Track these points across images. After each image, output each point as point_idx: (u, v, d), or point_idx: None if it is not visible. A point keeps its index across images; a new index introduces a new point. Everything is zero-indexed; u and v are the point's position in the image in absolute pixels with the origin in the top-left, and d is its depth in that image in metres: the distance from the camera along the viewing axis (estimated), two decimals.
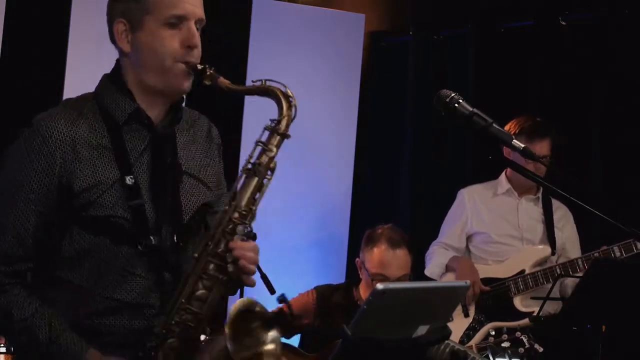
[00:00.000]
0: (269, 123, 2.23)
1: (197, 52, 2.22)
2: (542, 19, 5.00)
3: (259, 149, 2.21)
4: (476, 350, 3.79)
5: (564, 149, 4.38)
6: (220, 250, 2.17)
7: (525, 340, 3.65)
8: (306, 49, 5.35)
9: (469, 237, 4.44)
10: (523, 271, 4.24)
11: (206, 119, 2.43)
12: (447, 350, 3.26)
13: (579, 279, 3.79)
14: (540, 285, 4.18)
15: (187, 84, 2.22)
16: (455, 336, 4.11)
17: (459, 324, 4.21)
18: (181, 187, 2.26)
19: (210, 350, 2.16)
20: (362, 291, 3.82)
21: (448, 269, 4.37)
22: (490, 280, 4.27)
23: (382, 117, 5.70)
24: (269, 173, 2.21)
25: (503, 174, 4.45)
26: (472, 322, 4.23)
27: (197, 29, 2.23)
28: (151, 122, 2.25)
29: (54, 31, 4.65)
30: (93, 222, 2.16)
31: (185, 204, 2.26)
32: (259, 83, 2.25)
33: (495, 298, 4.25)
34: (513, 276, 4.25)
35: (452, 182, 4.92)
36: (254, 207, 2.20)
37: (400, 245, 3.71)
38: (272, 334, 2.18)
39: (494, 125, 2.24)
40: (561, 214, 4.39)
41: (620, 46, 4.75)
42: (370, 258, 3.72)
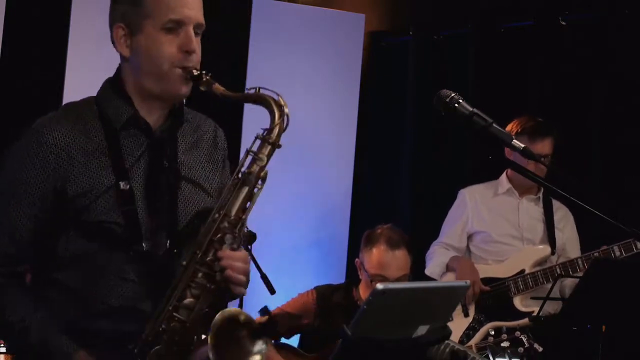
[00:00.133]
0: (261, 132, 2.22)
1: (195, 57, 2.21)
2: (542, 19, 5.00)
3: (250, 158, 2.21)
4: (475, 350, 3.79)
5: (564, 149, 4.38)
6: (208, 259, 2.16)
7: (524, 339, 3.65)
8: (306, 49, 5.35)
9: (470, 237, 4.43)
10: (523, 271, 4.24)
11: (212, 122, 2.42)
12: (447, 350, 3.26)
13: (579, 279, 3.79)
14: (540, 285, 4.17)
15: (185, 89, 2.22)
16: (455, 336, 4.11)
17: (459, 324, 4.21)
18: (179, 193, 2.25)
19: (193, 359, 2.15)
20: (362, 291, 3.82)
21: (448, 269, 4.37)
22: (490, 280, 4.27)
23: (382, 117, 5.70)
24: (260, 182, 2.21)
25: (504, 174, 4.45)
26: (472, 322, 4.23)
27: (197, 34, 2.22)
28: (149, 127, 2.24)
29: (54, 31, 4.65)
30: (87, 227, 2.16)
31: (182, 210, 2.25)
32: (253, 91, 2.23)
33: (495, 298, 4.25)
34: (513, 276, 4.25)
35: (452, 182, 4.92)
36: (244, 217, 2.19)
37: (399, 245, 3.70)
38: (259, 345, 2.16)
39: (494, 125, 2.24)
40: (562, 215, 4.39)
41: (620, 46, 4.75)
42: (369, 259, 3.72)
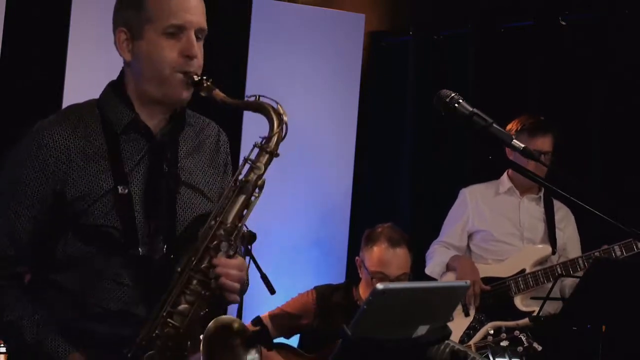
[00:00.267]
0: (259, 140, 2.22)
1: (197, 63, 2.21)
2: (542, 19, 5.00)
3: (248, 166, 2.21)
4: (475, 349, 3.79)
5: (564, 149, 4.38)
6: (203, 266, 2.17)
7: (524, 339, 3.65)
8: (306, 49, 5.35)
9: (470, 236, 4.43)
10: (523, 270, 4.24)
11: (216, 126, 2.42)
12: (447, 350, 3.26)
13: (579, 279, 3.79)
14: (540, 284, 4.17)
15: (186, 94, 2.22)
16: (455, 335, 4.11)
17: (459, 324, 4.21)
18: (178, 198, 2.25)
19: None
20: (362, 290, 3.82)
21: (449, 268, 4.37)
22: (490, 279, 4.27)
23: (382, 117, 5.70)
24: (257, 191, 2.20)
25: (505, 174, 4.45)
26: (473, 322, 4.23)
27: (199, 39, 2.22)
28: (149, 132, 2.24)
29: (54, 31, 4.65)
30: (85, 230, 2.16)
31: (181, 215, 2.25)
32: (253, 98, 2.23)
33: (495, 297, 4.25)
34: (513, 275, 4.25)
35: (452, 182, 4.92)
36: (240, 225, 2.19)
37: (400, 244, 3.71)
38: (251, 354, 2.16)
39: (494, 125, 2.24)
40: (563, 215, 4.39)
41: (620, 46, 4.75)
42: (370, 257, 3.73)
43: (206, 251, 2.17)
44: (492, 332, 3.77)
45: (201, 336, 2.14)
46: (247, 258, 2.28)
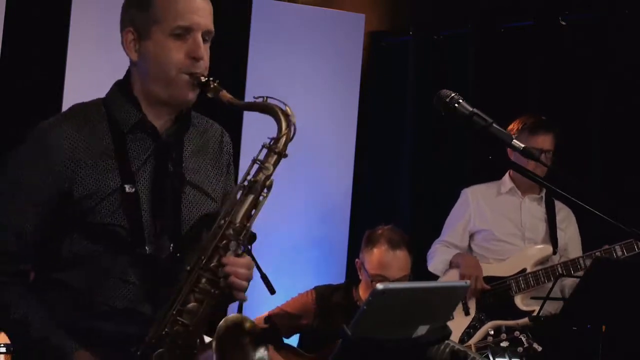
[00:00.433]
0: (267, 141, 2.23)
1: (203, 64, 2.22)
2: (542, 19, 5.00)
3: (256, 167, 2.22)
4: (474, 349, 3.79)
5: (564, 149, 4.38)
6: (213, 264, 2.18)
7: (523, 339, 3.65)
8: (306, 49, 5.35)
9: (472, 236, 4.44)
10: (524, 270, 4.24)
11: (219, 127, 2.43)
12: (447, 350, 3.26)
13: (580, 279, 3.79)
14: (541, 284, 4.17)
15: (192, 95, 2.23)
16: (455, 335, 4.11)
17: (460, 323, 4.21)
18: (183, 198, 2.27)
19: None
20: (362, 292, 3.82)
21: (452, 265, 4.37)
22: (491, 278, 4.27)
23: (382, 117, 5.70)
24: (265, 191, 2.22)
25: (507, 174, 4.46)
26: (473, 321, 4.23)
27: (206, 41, 2.23)
28: (156, 132, 2.25)
29: (54, 31, 4.65)
30: (92, 229, 2.17)
31: (186, 215, 2.26)
32: (260, 100, 2.24)
33: (496, 297, 4.25)
34: (514, 275, 4.25)
35: (452, 182, 4.92)
36: (249, 224, 2.21)
37: (400, 246, 3.70)
38: (260, 352, 2.19)
39: (494, 125, 2.23)
40: (564, 215, 4.39)
41: (620, 46, 4.75)
42: (370, 259, 3.72)
43: (215, 250, 2.18)
44: (492, 332, 3.77)
45: (206, 338, 2.15)
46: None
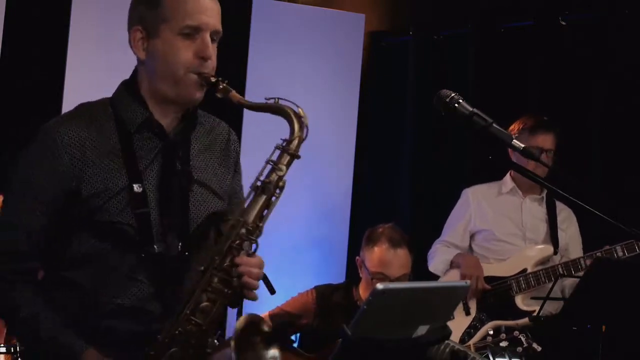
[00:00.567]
0: (280, 142, 2.25)
1: (211, 64, 2.23)
2: (542, 19, 5.00)
3: (269, 167, 2.24)
4: (474, 349, 3.79)
5: (564, 149, 4.38)
6: (226, 264, 2.19)
7: (523, 339, 3.65)
8: (306, 49, 5.35)
9: (472, 236, 4.44)
10: (525, 270, 4.24)
11: (226, 126, 2.43)
12: (447, 350, 3.26)
13: (580, 279, 3.79)
14: (542, 284, 4.17)
15: (199, 94, 2.24)
16: (456, 335, 4.11)
17: (460, 323, 4.21)
18: (191, 196, 2.27)
19: None
20: (362, 290, 3.82)
21: (452, 265, 4.37)
22: (492, 278, 4.27)
23: (382, 117, 5.71)
24: (278, 191, 2.25)
25: (508, 174, 4.46)
26: (473, 321, 4.23)
27: (214, 40, 2.24)
28: (163, 130, 2.26)
29: (54, 31, 4.65)
30: (99, 227, 2.18)
31: (193, 213, 2.27)
32: (272, 101, 2.25)
33: (496, 297, 4.25)
34: (515, 275, 4.25)
35: (452, 182, 4.92)
36: (261, 224, 2.23)
37: (401, 244, 3.71)
38: (272, 351, 2.21)
39: (494, 125, 2.24)
40: (565, 216, 4.39)
41: (620, 46, 4.75)
42: (370, 257, 3.72)
43: (229, 250, 2.19)
44: (492, 332, 3.77)
45: (215, 340, 2.17)
46: None
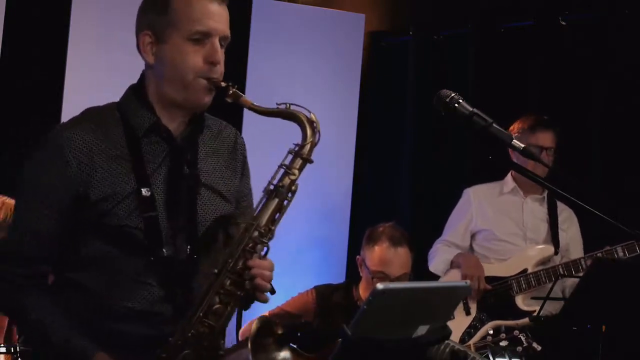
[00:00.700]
0: (293, 147, 2.28)
1: (220, 69, 2.24)
2: (542, 19, 5.00)
3: (282, 171, 2.26)
4: (474, 349, 3.79)
5: (564, 149, 4.38)
6: (239, 267, 2.21)
7: (523, 339, 3.65)
8: (306, 49, 5.35)
9: (473, 235, 4.44)
10: (525, 270, 4.24)
11: (233, 129, 2.44)
12: (447, 350, 3.26)
13: (580, 279, 3.79)
14: (542, 284, 4.17)
15: (208, 99, 2.24)
16: (456, 335, 4.11)
17: (461, 322, 4.21)
18: (198, 199, 2.28)
19: None
20: (362, 290, 3.82)
21: (453, 265, 4.37)
22: (492, 278, 4.27)
23: (382, 117, 5.71)
24: (290, 195, 2.27)
25: (509, 174, 4.46)
26: (474, 321, 4.23)
27: (222, 46, 2.25)
28: (170, 135, 2.26)
29: (54, 31, 4.65)
30: (108, 231, 2.19)
31: (201, 216, 2.28)
32: (284, 106, 2.27)
33: (497, 297, 4.25)
34: (515, 275, 4.24)
35: (452, 182, 4.92)
36: (273, 227, 2.26)
37: (401, 243, 3.71)
38: (284, 353, 2.25)
39: (494, 125, 2.24)
40: (566, 216, 4.39)
41: (620, 46, 4.75)
42: (371, 256, 3.73)
43: (242, 253, 2.21)
44: (492, 332, 3.77)
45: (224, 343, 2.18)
46: None
